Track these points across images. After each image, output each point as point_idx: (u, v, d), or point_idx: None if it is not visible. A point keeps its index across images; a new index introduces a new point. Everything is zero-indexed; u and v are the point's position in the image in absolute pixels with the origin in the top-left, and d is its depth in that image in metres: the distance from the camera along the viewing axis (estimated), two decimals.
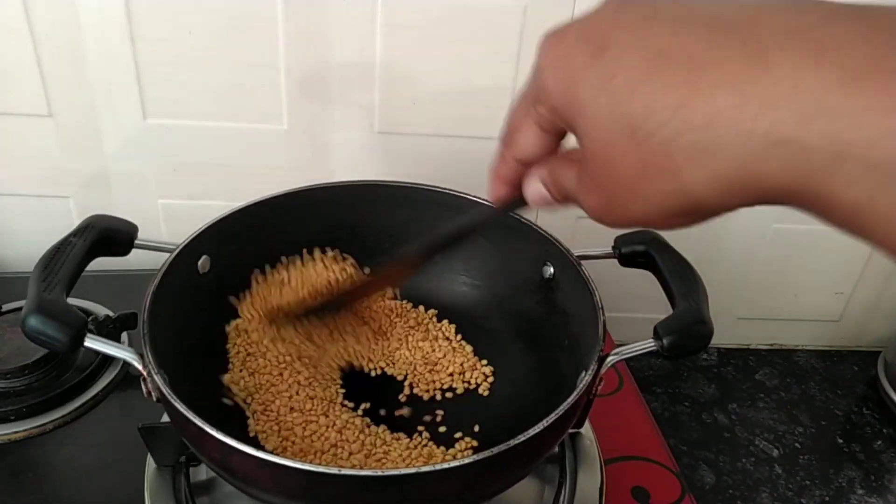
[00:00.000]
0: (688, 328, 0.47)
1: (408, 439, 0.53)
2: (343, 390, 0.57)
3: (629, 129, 0.24)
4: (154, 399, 0.45)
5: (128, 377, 0.64)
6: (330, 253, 0.62)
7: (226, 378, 0.56)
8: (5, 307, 0.67)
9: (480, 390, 0.58)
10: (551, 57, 0.28)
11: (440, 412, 0.56)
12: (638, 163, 0.25)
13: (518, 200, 0.36)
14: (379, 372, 0.59)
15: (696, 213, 0.25)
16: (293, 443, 0.51)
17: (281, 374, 0.56)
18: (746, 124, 0.22)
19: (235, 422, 0.53)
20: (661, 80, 0.24)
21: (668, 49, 0.24)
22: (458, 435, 0.54)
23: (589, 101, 0.26)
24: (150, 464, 0.53)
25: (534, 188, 0.33)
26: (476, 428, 0.55)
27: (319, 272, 0.61)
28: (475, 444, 0.54)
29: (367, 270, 0.61)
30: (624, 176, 0.26)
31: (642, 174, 0.25)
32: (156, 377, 0.42)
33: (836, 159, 0.20)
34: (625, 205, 0.27)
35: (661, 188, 0.25)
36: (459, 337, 0.62)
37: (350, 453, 0.51)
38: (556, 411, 0.42)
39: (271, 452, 0.39)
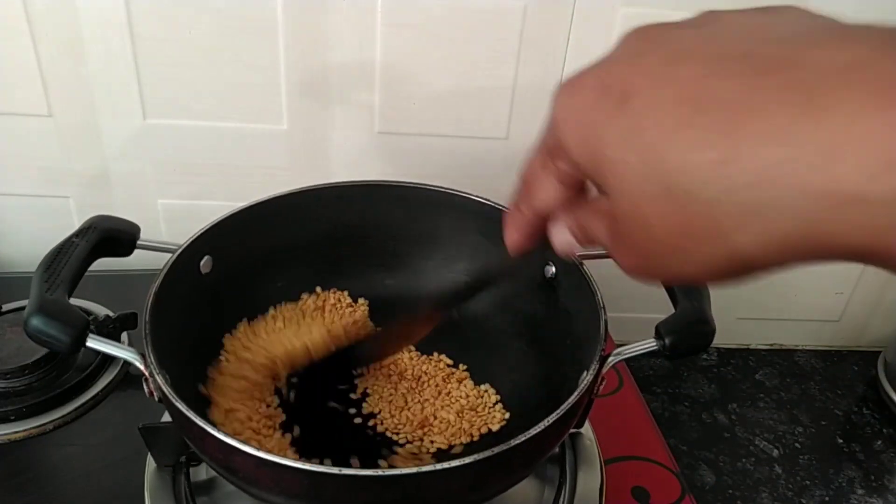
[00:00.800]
0: (690, 328, 0.47)
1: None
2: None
3: (665, 190, 0.22)
4: (156, 399, 0.45)
5: (128, 377, 0.64)
6: (335, 294, 0.63)
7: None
8: (5, 307, 0.67)
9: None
10: (568, 110, 0.25)
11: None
12: (678, 225, 0.22)
13: (537, 248, 0.34)
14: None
15: (746, 272, 0.23)
16: None
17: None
18: (802, 181, 0.19)
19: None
20: (696, 133, 0.21)
21: (701, 95, 0.21)
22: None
23: (616, 160, 0.23)
24: (150, 464, 0.53)
25: (561, 237, 0.30)
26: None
27: (327, 321, 0.61)
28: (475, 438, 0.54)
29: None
30: (663, 238, 0.23)
31: (684, 236, 0.22)
32: (157, 377, 0.42)
33: None
34: (665, 265, 0.24)
35: (707, 250, 0.22)
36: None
37: None
38: (558, 411, 0.42)
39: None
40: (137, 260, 0.55)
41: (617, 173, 0.23)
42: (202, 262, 0.56)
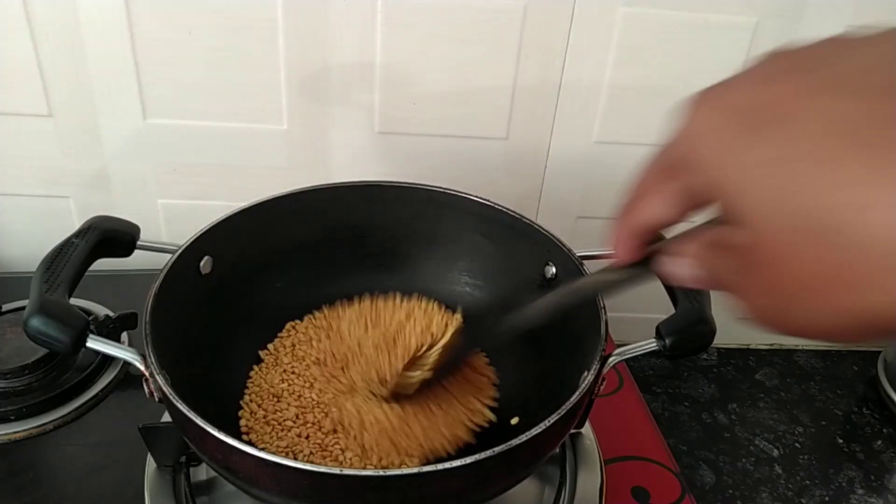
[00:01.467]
0: (690, 328, 0.47)
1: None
2: None
3: (804, 226, 0.20)
4: (157, 399, 0.44)
5: (128, 377, 0.64)
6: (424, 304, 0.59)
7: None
8: (5, 307, 0.67)
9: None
10: (706, 125, 0.23)
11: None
12: (824, 268, 0.20)
13: (644, 266, 0.31)
14: None
15: (879, 333, 0.20)
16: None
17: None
18: None
19: (236, 421, 0.53)
20: (846, 170, 0.19)
21: (855, 130, 0.19)
22: None
23: (752, 187, 0.21)
24: (150, 464, 0.53)
25: (682, 268, 0.28)
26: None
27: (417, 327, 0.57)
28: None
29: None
30: (798, 278, 0.21)
31: (830, 282, 0.20)
32: (158, 377, 0.42)
33: None
34: (805, 314, 0.21)
35: (840, 300, 0.20)
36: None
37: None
38: (558, 412, 0.42)
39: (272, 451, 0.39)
40: (137, 260, 0.56)
41: (751, 202, 0.22)
42: (202, 263, 0.56)
